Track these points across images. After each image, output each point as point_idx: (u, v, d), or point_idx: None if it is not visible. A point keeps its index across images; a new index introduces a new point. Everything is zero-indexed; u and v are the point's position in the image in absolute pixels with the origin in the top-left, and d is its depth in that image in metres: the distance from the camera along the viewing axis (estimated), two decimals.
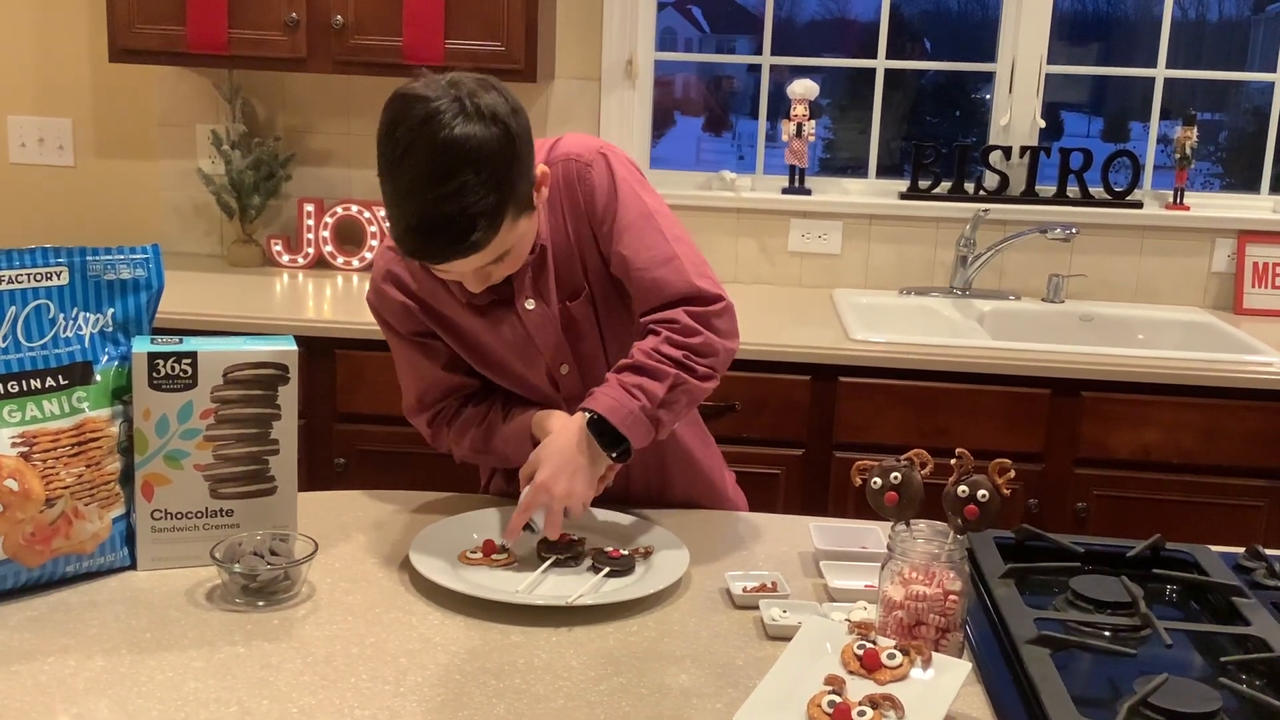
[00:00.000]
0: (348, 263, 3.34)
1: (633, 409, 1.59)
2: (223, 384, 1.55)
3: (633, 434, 1.60)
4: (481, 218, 1.47)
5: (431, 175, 1.45)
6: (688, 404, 1.66)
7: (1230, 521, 2.68)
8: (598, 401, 1.60)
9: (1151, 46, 3.32)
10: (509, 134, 1.48)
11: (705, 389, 1.66)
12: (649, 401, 1.60)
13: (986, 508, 1.35)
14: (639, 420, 1.60)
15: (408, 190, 1.47)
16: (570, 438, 1.62)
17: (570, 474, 1.60)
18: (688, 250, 1.69)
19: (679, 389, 1.62)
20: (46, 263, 1.52)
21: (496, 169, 1.47)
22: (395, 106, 1.49)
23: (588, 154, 1.69)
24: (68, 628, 1.41)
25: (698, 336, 1.63)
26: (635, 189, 1.69)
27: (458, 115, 1.45)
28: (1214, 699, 1.21)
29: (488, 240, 1.50)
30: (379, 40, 2.97)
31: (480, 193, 1.45)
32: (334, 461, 2.82)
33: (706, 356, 1.64)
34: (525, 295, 1.70)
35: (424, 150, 1.45)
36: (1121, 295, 3.29)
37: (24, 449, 1.47)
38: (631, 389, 1.60)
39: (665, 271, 1.65)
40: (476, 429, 1.79)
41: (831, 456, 2.75)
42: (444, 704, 1.27)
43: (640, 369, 1.62)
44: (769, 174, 3.43)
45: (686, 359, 1.62)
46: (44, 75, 3.42)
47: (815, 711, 1.21)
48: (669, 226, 1.69)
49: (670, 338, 1.63)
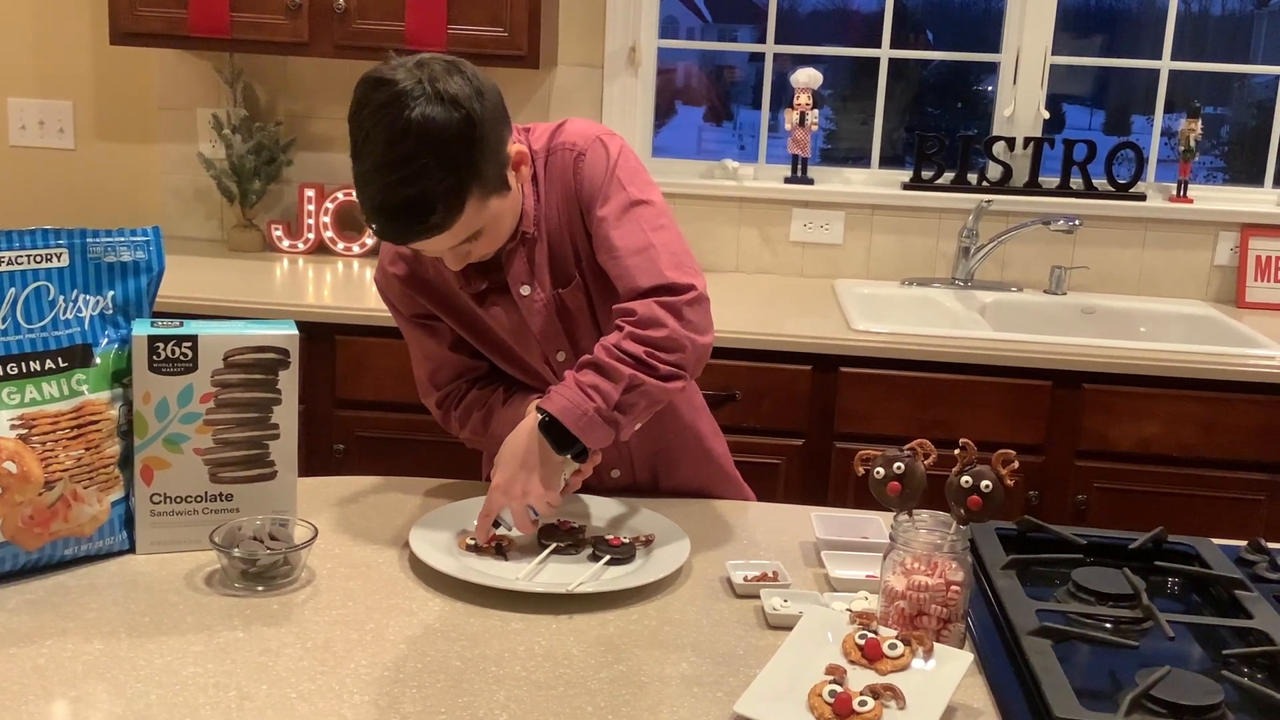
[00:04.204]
0: (348, 248, 3.34)
1: (587, 410, 1.55)
2: (223, 368, 1.54)
3: (587, 436, 1.56)
4: (440, 201, 1.48)
5: (391, 159, 1.47)
6: (648, 406, 1.59)
7: (1230, 515, 2.68)
8: (551, 402, 1.56)
9: (1154, 40, 3.31)
10: (470, 118, 1.49)
11: (668, 389, 1.59)
12: (604, 403, 1.55)
13: (990, 498, 1.35)
14: (594, 422, 1.55)
15: (370, 172, 1.49)
16: (523, 440, 1.59)
17: (526, 476, 1.57)
18: (667, 240, 1.65)
19: (636, 390, 1.56)
20: (47, 244, 1.51)
21: (456, 152, 1.48)
22: (361, 89, 1.51)
23: (583, 142, 1.68)
24: (66, 611, 1.40)
25: (661, 330, 1.57)
26: (623, 178, 1.67)
27: (418, 99, 1.46)
28: (1216, 691, 1.21)
29: (450, 222, 1.51)
30: (381, 25, 2.96)
31: (439, 176, 1.47)
32: (333, 448, 2.82)
33: (671, 352, 1.57)
34: (520, 281, 1.70)
35: (384, 134, 1.47)
36: (1124, 288, 3.29)
37: (23, 431, 1.46)
38: (588, 389, 1.56)
39: (638, 260, 1.62)
40: (479, 412, 1.79)
41: (832, 446, 2.75)
42: (443, 690, 1.27)
43: (598, 367, 1.57)
44: (771, 163, 3.42)
45: (649, 356, 1.56)
46: (45, 58, 3.41)
47: (816, 701, 1.21)
48: (651, 217, 1.66)
49: (633, 332, 1.58)
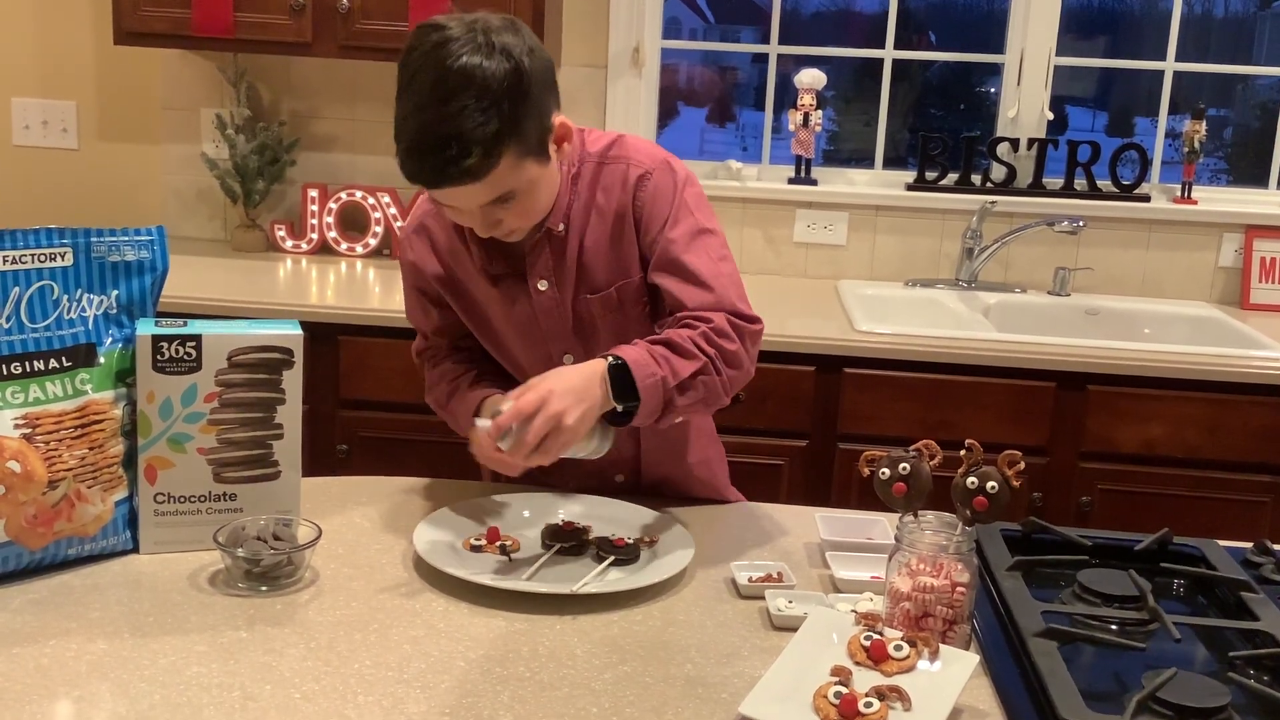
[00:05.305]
0: (351, 249, 3.33)
1: (655, 373, 1.55)
2: (227, 367, 1.54)
3: (647, 396, 1.54)
4: (477, 145, 1.47)
5: (434, 97, 1.48)
6: (704, 398, 1.60)
7: (1235, 517, 2.67)
8: (625, 352, 1.56)
9: (1157, 41, 3.31)
10: (518, 70, 1.49)
11: (721, 397, 1.62)
12: (672, 375, 1.56)
13: (996, 500, 1.34)
14: (656, 387, 1.54)
15: (411, 111, 1.50)
16: (589, 371, 1.55)
17: (575, 400, 1.50)
18: (733, 272, 1.69)
19: (701, 378, 1.58)
20: (51, 243, 1.51)
21: (499, 100, 1.48)
22: (414, 35, 1.53)
23: (650, 162, 1.69)
24: (70, 610, 1.40)
25: (732, 344, 1.61)
26: (691, 204, 1.69)
27: (467, 45, 1.48)
28: (1222, 694, 1.20)
29: (483, 169, 1.49)
30: (385, 25, 2.95)
31: (479, 119, 1.47)
32: (336, 448, 2.82)
33: (733, 368, 1.62)
34: (538, 276, 1.70)
35: (430, 75, 1.48)
36: (1128, 289, 3.28)
37: (27, 431, 1.46)
38: (659, 358, 1.56)
39: (710, 284, 1.65)
40: (447, 384, 1.80)
41: (835, 448, 2.74)
42: (447, 691, 1.26)
43: (672, 345, 1.58)
44: (774, 164, 3.42)
45: (719, 358, 1.60)
46: (48, 57, 3.41)
47: (821, 702, 1.21)
48: (718, 247, 1.69)
49: (707, 334, 1.60)
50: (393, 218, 3.30)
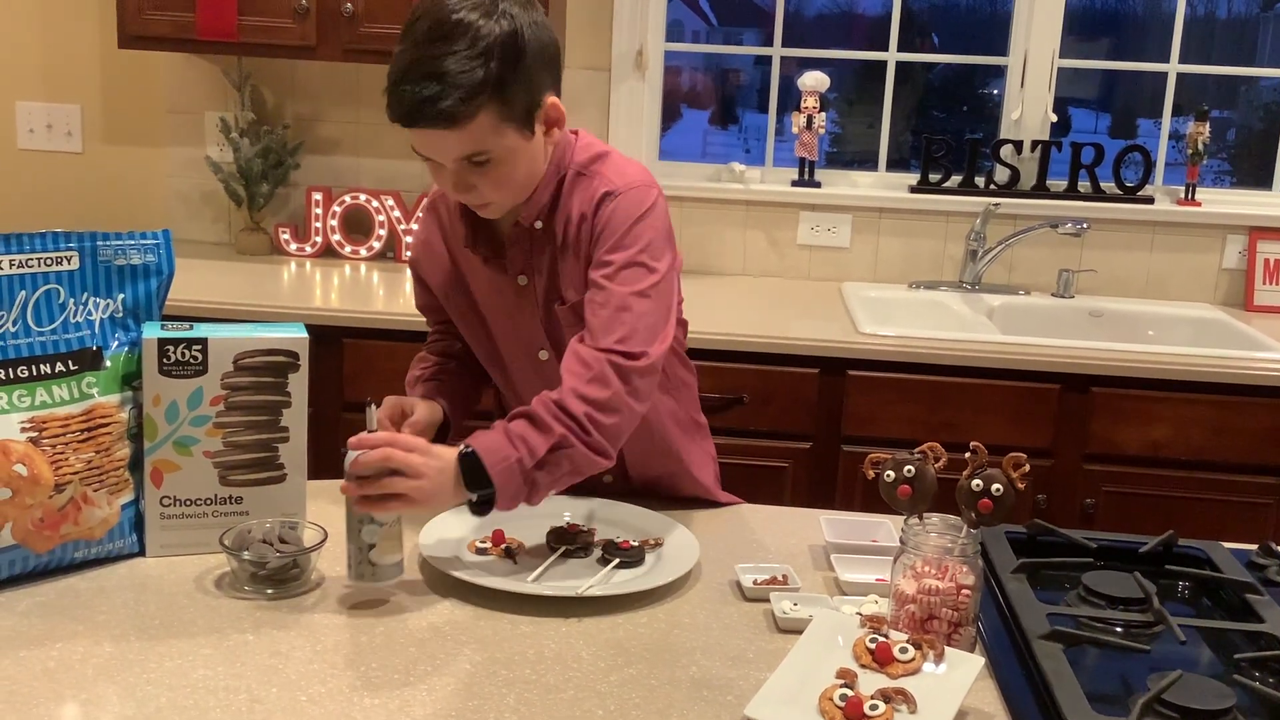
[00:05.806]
0: (355, 252, 3.33)
1: (509, 456, 1.49)
2: (233, 371, 1.54)
3: (503, 482, 1.49)
4: (458, 89, 1.49)
5: (428, 38, 1.51)
6: (570, 471, 1.54)
7: (1239, 519, 2.67)
8: (478, 439, 1.52)
9: (1161, 43, 3.31)
10: (516, 33, 1.52)
11: (594, 462, 1.55)
12: (529, 455, 1.50)
13: (1001, 502, 1.34)
14: (512, 471, 1.49)
15: (405, 51, 1.54)
16: (439, 465, 1.49)
17: (431, 483, 1.48)
18: (646, 310, 1.61)
19: (562, 451, 1.51)
20: (57, 247, 1.51)
21: (490, 54, 1.50)
22: None
23: (620, 183, 1.66)
24: (76, 614, 1.41)
25: (605, 390, 1.54)
26: (641, 235, 1.63)
27: (476, 6, 1.52)
28: (1228, 696, 1.20)
29: (459, 115, 1.50)
30: (389, 29, 2.95)
31: (465, 64, 1.49)
32: (341, 451, 2.81)
33: (610, 415, 1.54)
34: (517, 270, 1.71)
35: (429, 20, 1.52)
36: (1132, 291, 3.28)
37: (33, 434, 1.46)
38: (515, 438, 1.51)
39: (612, 315, 1.59)
40: (415, 371, 1.87)
41: (839, 450, 2.74)
42: (453, 694, 1.27)
43: (532, 418, 1.52)
44: (778, 166, 3.42)
45: (588, 418, 1.52)
46: (53, 61, 3.41)
47: (827, 705, 1.21)
48: (643, 282, 1.62)
49: (576, 388, 1.54)
50: (396, 221, 3.30)
